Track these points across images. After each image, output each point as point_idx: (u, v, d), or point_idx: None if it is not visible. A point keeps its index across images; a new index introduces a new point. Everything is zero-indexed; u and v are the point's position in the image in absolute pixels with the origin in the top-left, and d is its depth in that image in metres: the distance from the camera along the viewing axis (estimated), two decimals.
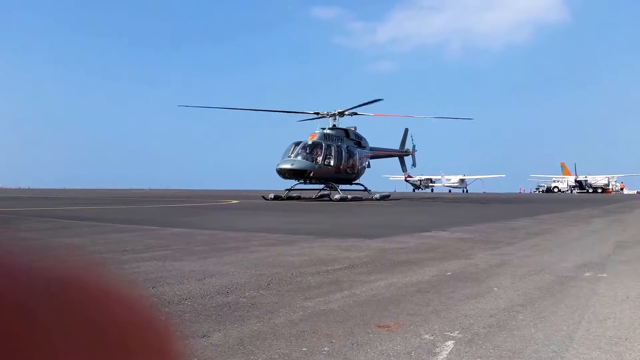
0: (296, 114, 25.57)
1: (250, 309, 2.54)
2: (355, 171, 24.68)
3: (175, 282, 3.21)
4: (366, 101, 23.22)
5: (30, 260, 0.26)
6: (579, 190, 73.29)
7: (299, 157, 21.89)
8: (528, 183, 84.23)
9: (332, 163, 22.54)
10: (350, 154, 24.00)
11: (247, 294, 2.89)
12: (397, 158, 32.29)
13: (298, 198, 23.63)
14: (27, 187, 71.00)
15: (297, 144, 22.45)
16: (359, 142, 25.74)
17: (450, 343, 2.03)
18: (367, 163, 26.41)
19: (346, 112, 24.72)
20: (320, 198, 24.15)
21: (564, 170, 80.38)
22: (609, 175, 75.33)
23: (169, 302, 2.66)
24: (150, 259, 4.14)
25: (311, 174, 21.96)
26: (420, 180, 74.01)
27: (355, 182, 25.28)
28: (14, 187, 73.55)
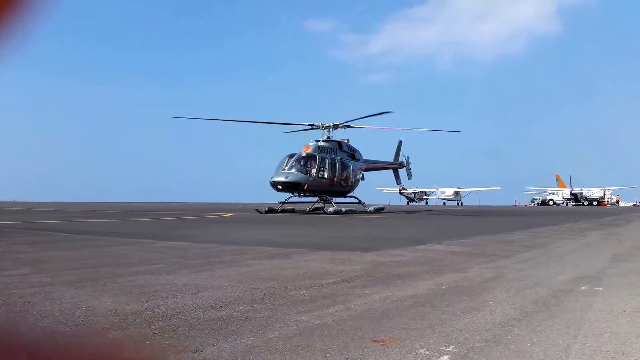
0: (290, 125, 25.60)
1: (243, 323, 2.51)
2: (350, 184, 24.68)
3: (169, 295, 3.17)
4: (373, 113, 23.33)
5: None
6: (574, 203, 73.54)
7: (293, 170, 21.87)
8: (523, 195, 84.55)
9: (326, 175, 22.53)
10: (344, 167, 24.02)
11: (240, 308, 2.86)
12: (391, 170, 32.38)
13: (292, 211, 23.57)
14: (22, 201, 70.41)
15: (291, 156, 22.45)
16: (353, 154, 25.79)
17: (445, 358, 2.01)
18: (361, 175, 26.43)
19: (340, 125, 24.83)
20: (315, 211, 24.10)
21: (559, 183, 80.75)
22: (605, 188, 75.71)
23: (162, 316, 2.63)
24: (144, 273, 4.10)
25: (305, 187, 21.93)
26: (415, 192, 74.13)
27: (350, 194, 25.26)
28: (9, 200, 72.94)
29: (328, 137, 24.54)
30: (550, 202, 77.22)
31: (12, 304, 2.88)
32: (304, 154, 22.51)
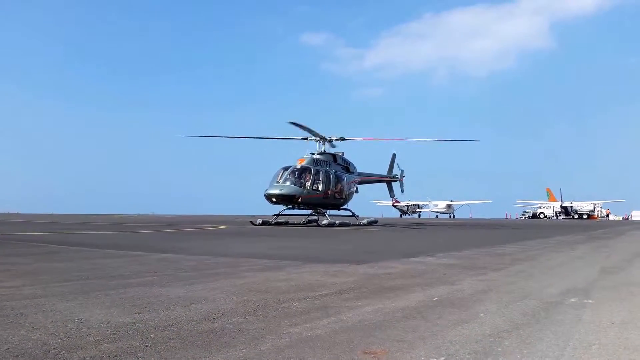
0: (285, 139, 25.66)
1: (236, 335, 2.52)
2: (344, 196, 24.71)
3: (162, 307, 3.17)
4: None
5: None
6: (564, 216, 74.07)
7: (288, 182, 21.89)
8: (514, 208, 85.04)
9: (320, 188, 22.56)
10: (339, 179, 24.08)
11: (233, 320, 2.87)
12: (385, 184, 32.48)
13: (286, 223, 23.53)
14: (15, 212, 69.69)
15: (286, 169, 22.49)
16: (347, 167, 25.89)
17: None
18: (355, 188, 26.50)
19: (334, 138, 24.94)
20: (309, 223, 24.07)
21: (550, 196, 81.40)
22: (595, 202, 76.37)
23: (155, 328, 2.63)
24: (137, 285, 4.10)
25: (299, 199, 21.92)
26: (408, 205, 74.38)
27: (343, 207, 25.29)
28: (2, 212, 72.15)
29: (323, 150, 24.63)
30: (541, 216, 77.74)
31: (4, 316, 2.87)
32: (298, 167, 22.55)
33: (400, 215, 74.60)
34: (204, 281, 4.37)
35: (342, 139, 25.26)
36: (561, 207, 76.36)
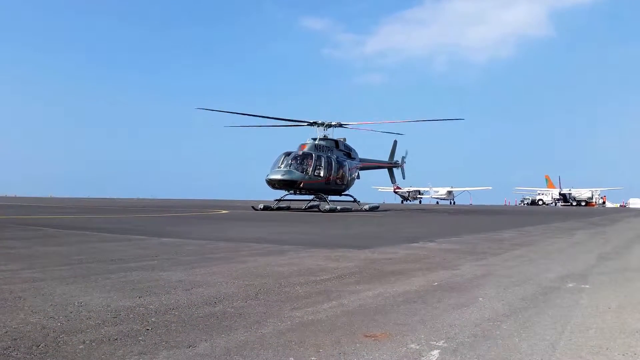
0: (287, 121, 25.46)
1: (237, 319, 2.54)
2: (345, 182, 24.73)
3: (162, 292, 3.19)
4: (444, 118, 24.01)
5: None
6: (563, 203, 74.15)
7: (289, 168, 21.88)
8: (513, 195, 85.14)
9: (322, 174, 22.56)
10: (340, 165, 24.07)
11: (234, 304, 2.89)
12: (386, 170, 32.47)
13: (288, 208, 23.59)
14: (13, 195, 69.83)
15: (288, 154, 22.45)
16: (349, 153, 25.85)
17: (435, 352, 2.05)
18: (356, 174, 26.50)
19: (333, 123, 24.83)
20: (310, 209, 24.13)
21: (549, 183, 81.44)
22: (593, 189, 76.40)
23: (156, 312, 2.65)
24: (137, 269, 4.11)
25: (301, 185, 21.95)
26: (409, 191, 74.48)
27: (345, 193, 25.33)
28: (2, 195, 72.28)
29: (325, 136, 24.56)
30: (540, 202, 77.89)
31: (2, 299, 2.88)
32: (300, 152, 22.53)
33: (402, 201, 74.72)
34: (205, 265, 4.40)
35: (340, 125, 25.11)
36: (560, 194, 76.45)
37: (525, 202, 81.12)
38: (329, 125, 24.74)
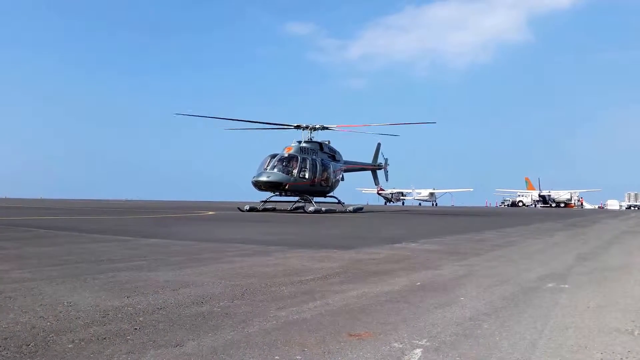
0: (273, 124, 25.43)
1: (224, 319, 2.57)
2: (330, 184, 24.82)
3: (150, 292, 3.21)
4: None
5: None
6: (542, 205, 75.30)
7: (275, 170, 21.90)
8: (494, 197, 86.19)
9: (307, 176, 22.62)
10: (325, 167, 24.15)
11: (221, 303, 2.92)
12: (370, 172, 32.66)
13: (273, 210, 23.56)
14: (3, 197, 68.23)
15: (273, 156, 22.46)
16: (333, 155, 25.96)
17: (418, 351, 2.11)
18: (341, 176, 26.60)
19: (317, 127, 24.91)
20: (295, 210, 24.15)
21: (529, 185, 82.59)
22: (572, 191, 77.78)
23: (144, 312, 2.66)
24: (126, 269, 4.11)
25: (287, 187, 21.98)
26: (392, 193, 74.79)
27: (330, 194, 25.42)
28: None
29: (310, 138, 24.62)
30: (520, 204, 79.03)
31: None
32: (285, 155, 22.55)
33: (385, 203, 75.03)
34: (192, 266, 4.41)
35: (323, 127, 25.21)
36: (539, 195, 77.56)
37: (506, 204, 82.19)
38: (314, 128, 24.82)
